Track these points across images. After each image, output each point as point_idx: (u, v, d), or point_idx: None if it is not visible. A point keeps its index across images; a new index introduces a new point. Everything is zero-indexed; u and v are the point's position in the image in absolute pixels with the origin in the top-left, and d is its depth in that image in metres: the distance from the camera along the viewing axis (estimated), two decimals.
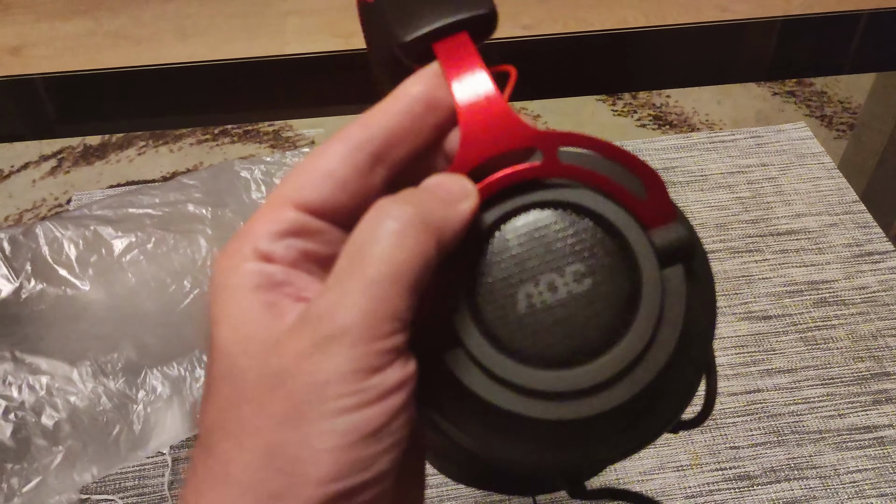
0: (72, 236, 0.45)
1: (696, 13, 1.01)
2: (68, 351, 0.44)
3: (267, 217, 0.20)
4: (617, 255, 0.21)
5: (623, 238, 0.21)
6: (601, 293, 0.20)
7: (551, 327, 0.20)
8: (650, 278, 0.20)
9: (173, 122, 1.09)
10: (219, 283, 0.20)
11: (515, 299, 0.20)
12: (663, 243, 0.21)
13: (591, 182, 0.21)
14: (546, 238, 0.21)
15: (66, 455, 0.42)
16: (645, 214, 0.21)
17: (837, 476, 0.51)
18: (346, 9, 0.96)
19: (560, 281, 0.20)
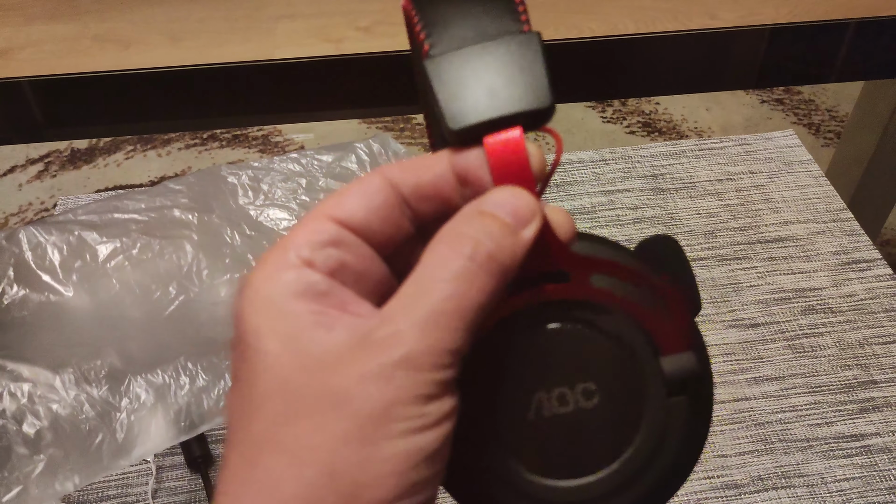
0: (55, 241, 0.44)
1: (686, 20, 1.02)
2: (51, 358, 0.43)
3: (308, 228, 0.21)
4: (627, 379, 0.22)
5: (635, 362, 0.22)
6: (606, 413, 0.22)
7: (554, 438, 0.22)
8: (654, 406, 0.22)
9: (162, 127, 1.08)
10: (259, 292, 0.20)
11: (527, 404, 0.22)
12: (673, 373, 0.22)
13: (615, 304, 0.22)
14: (564, 352, 0.22)
15: (48, 464, 0.42)
16: (662, 339, 0.22)
17: (825, 484, 0.51)
18: (338, 14, 0.95)
19: (570, 395, 0.22)
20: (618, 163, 0.73)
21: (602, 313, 0.22)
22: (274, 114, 1.05)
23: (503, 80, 0.21)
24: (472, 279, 0.20)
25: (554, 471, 0.22)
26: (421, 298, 0.19)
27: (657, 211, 0.68)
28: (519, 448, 0.22)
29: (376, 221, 0.21)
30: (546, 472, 0.22)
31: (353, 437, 0.19)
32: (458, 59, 0.22)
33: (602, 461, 0.22)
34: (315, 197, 0.51)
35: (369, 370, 0.19)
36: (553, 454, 0.22)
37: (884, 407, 0.55)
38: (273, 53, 0.95)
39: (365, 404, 0.19)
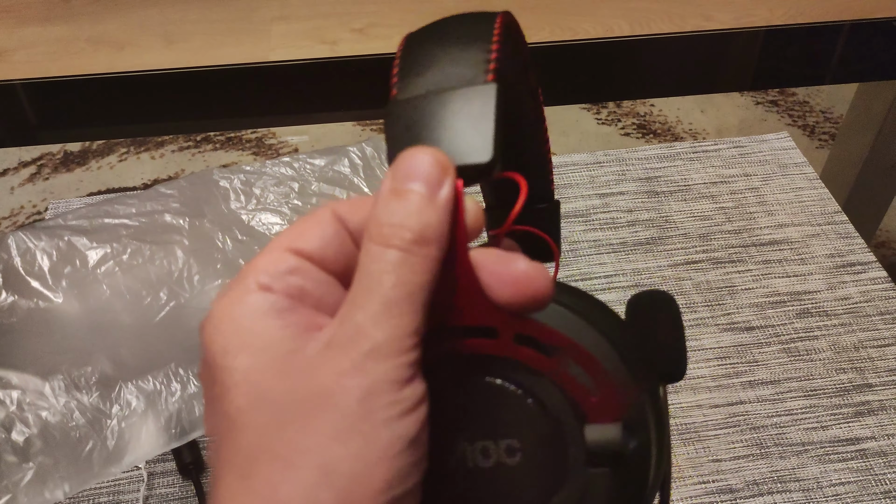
0: (45, 247, 0.44)
1: (681, 22, 1.02)
2: (40, 365, 0.43)
3: (267, 259, 0.22)
4: (549, 442, 0.22)
5: (558, 428, 0.22)
6: (526, 472, 0.22)
7: (473, 490, 0.22)
8: (574, 474, 0.22)
9: (156, 129, 1.08)
10: (225, 315, 0.21)
11: (450, 452, 0.22)
12: (594, 443, 0.21)
13: (543, 368, 0.22)
14: (491, 407, 0.22)
15: (38, 471, 0.41)
16: (590, 408, 0.21)
17: (820, 489, 0.51)
18: (333, 16, 0.95)
19: (493, 449, 0.22)
20: (612, 165, 0.73)
21: (529, 374, 0.22)
22: (268, 116, 1.04)
23: (450, 131, 0.21)
24: (410, 263, 0.20)
25: None
26: (370, 293, 0.20)
27: (652, 214, 0.68)
28: (437, 495, 0.21)
29: (331, 250, 0.22)
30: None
31: (341, 432, 0.19)
32: (414, 106, 0.22)
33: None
34: (307, 201, 0.50)
35: (343, 367, 0.20)
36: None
37: (879, 410, 0.55)
38: (268, 55, 0.95)
39: (346, 399, 0.19)
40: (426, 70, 0.23)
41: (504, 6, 0.74)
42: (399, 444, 0.19)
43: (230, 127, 1.22)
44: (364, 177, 0.52)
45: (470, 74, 0.22)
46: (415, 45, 0.23)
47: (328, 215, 0.23)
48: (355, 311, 0.20)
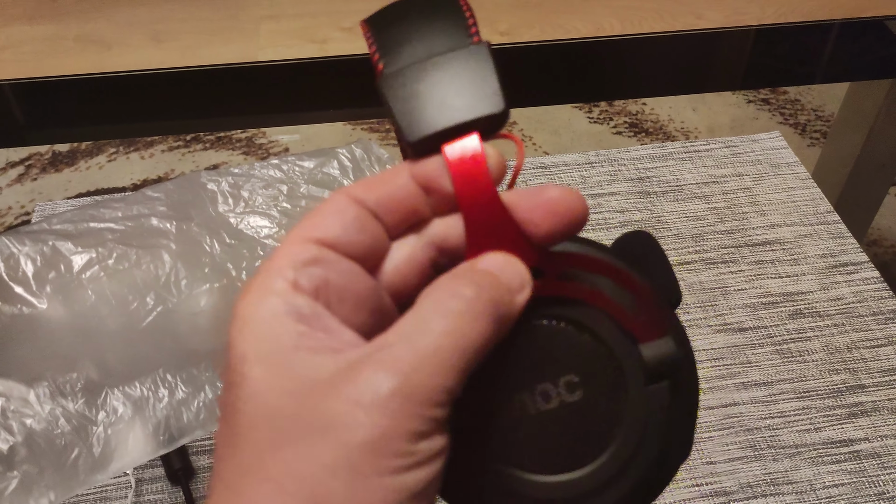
0: (29, 252, 0.43)
1: (672, 20, 1.01)
2: (24, 371, 0.42)
3: (288, 251, 0.21)
4: (607, 370, 0.22)
5: (613, 353, 0.22)
6: (590, 405, 0.22)
7: (541, 435, 0.22)
8: (635, 394, 0.22)
9: (145, 129, 1.07)
10: (245, 319, 0.20)
11: (511, 404, 0.22)
12: (651, 360, 0.22)
13: (589, 299, 0.22)
14: (543, 349, 0.22)
15: (22, 480, 0.41)
16: (639, 329, 0.22)
17: (814, 491, 0.51)
18: (322, 14, 0.94)
19: (553, 390, 0.22)
20: (604, 165, 0.72)
21: (577, 307, 0.22)
22: (258, 115, 1.03)
23: (456, 90, 0.22)
24: (473, 319, 0.20)
25: (545, 467, 0.22)
26: (420, 331, 0.19)
27: (644, 214, 0.68)
28: (508, 449, 0.22)
29: (353, 235, 0.22)
30: (537, 469, 0.22)
31: (342, 467, 0.18)
32: (410, 74, 0.22)
33: (591, 453, 0.22)
34: (297, 204, 0.50)
35: (362, 396, 0.18)
36: (543, 451, 0.22)
37: (872, 411, 0.55)
38: (257, 55, 0.94)
39: (356, 433, 0.18)
40: (408, 43, 0.23)
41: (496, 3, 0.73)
42: (401, 496, 0.18)
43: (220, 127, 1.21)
44: (353, 178, 0.51)
45: (455, 40, 0.23)
46: (383, 25, 0.23)
47: (344, 199, 0.22)
48: (397, 342, 0.19)
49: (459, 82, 0.22)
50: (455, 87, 0.22)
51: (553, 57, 0.96)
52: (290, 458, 0.18)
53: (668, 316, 0.23)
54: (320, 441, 0.18)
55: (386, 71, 0.22)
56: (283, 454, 0.18)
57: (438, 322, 0.19)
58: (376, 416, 0.18)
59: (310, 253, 0.21)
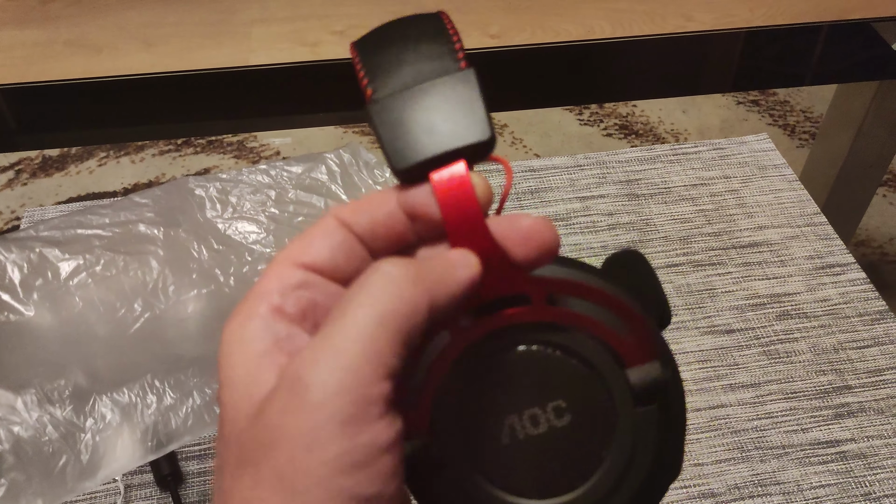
0: (15, 259, 0.43)
1: (662, 22, 1.02)
2: (12, 379, 0.42)
3: (275, 274, 0.21)
4: (595, 394, 0.22)
5: (601, 377, 0.22)
6: (578, 429, 0.22)
7: (530, 459, 0.22)
8: (624, 418, 0.22)
9: (136, 134, 1.06)
10: (227, 342, 0.21)
11: (501, 430, 0.22)
12: (639, 383, 0.22)
13: (577, 324, 0.23)
14: (531, 373, 0.22)
15: (10, 488, 0.41)
16: (627, 352, 0.22)
17: (801, 492, 0.51)
18: (313, 17, 0.94)
19: (542, 415, 0.22)
20: (592, 168, 0.73)
21: (565, 332, 0.22)
22: (249, 119, 1.03)
23: (443, 117, 0.22)
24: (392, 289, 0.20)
25: (536, 491, 0.22)
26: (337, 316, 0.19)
27: (632, 217, 0.68)
28: (498, 474, 0.22)
29: (340, 260, 0.22)
30: (529, 493, 0.22)
31: (283, 484, 0.18)
32: (399, 101, 0.22)
33: (581, 476, 0.22)
34: (285, 209, 0.50)
35: (287, 404, 0.18)
36: (534, 474, 0.22)
37: (858, 412, 0.55)
38: (248, 58, 0.94)
39: (290, 444, 0.18)
40: (396, 69, 0.23)
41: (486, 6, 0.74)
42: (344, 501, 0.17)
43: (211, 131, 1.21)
44: (342, 184, 0.52)
45: (445, 65, 0.23)
46: (372, 48, 0.24)
47: (333, 223, 0.22)
48: (315, 338, 0.19)
49: (446, 109, 0.22)
50: (442, 114, 0.22)
51: (544, 60, 0.96)
52: (245, 485, 0.19)
53: (656, 339, 0.23)
54: (265, 461, 0.18)
55: (374, 97, 0.23)
56: (242, 480, 0.19)
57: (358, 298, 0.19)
58: (303, 418, 0.18)
59: (297, 277, 0.21)
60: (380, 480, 0.18)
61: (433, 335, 0.22)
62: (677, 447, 0.23)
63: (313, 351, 0.19)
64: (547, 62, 0.95)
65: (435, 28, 0.24)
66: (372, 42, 0.24)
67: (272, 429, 0.18)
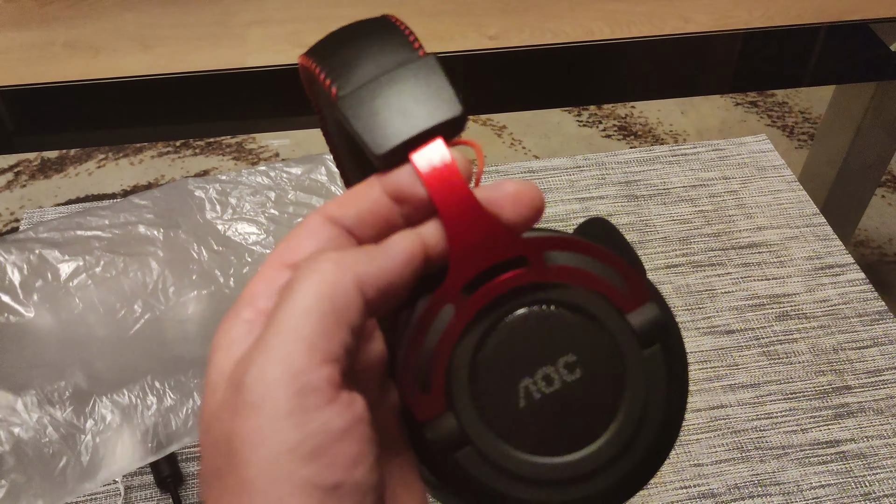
0: (15, 261, 0.43)
1: (661, 24, 1.02)
2: (12, 380, 0.42)
3: (264, 277, 0.22)
4: (602, 343, 0.23)
5: (606, 326, 0.23)
6: (591, 380, 0.23)
7: (550, 418, 0.22)
8: (633, 361, 0.23)
9: (134, 136, 1.06)
10: (214, 346, 0.21)
11: (516, 393, 0.22)
12: (641, 325, 0.23)
13: (575, 279, 0.23)
14: (538, 334, 0.23)
15: (10, 489, 0.41)
16: (624, 300, 0.23)
17: (801, 492, 0.51)
18: (310, 19, 0.94)
19: (554, 373, 0.23)
20: (592, 169, 0.73)
21: (564, 289, 0.23)
22: (247, 121, 1.03)
23: (412, 100, 0.23)
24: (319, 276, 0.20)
25: (560, 448, 0.23)
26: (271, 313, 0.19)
27: (631, 218, 0.68)
28: (521, 438, 0.23)
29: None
30: (553, 451, 0.23)
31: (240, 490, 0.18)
32: (365, 92, 0.23)
33: (600, 426, 0.23)
34: (284, 210, 0.50)
35: (233, 404, 0.18)
36: (555, 433, 0.23)
37: (858, 412, 0.55)
38: (245, 60, 0.94)
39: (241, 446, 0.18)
40: (356, 65, 0.23)
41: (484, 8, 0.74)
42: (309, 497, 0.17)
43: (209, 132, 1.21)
44: (341, 184, 0.52)
45: (402, 56, 0.23)
46: (325, 54, 0.24)
47: (318, 221, 0.22)
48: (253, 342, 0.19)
49: (415, 93, 0.23)
50: (411, 98, 0.23)
51: (542, 61, 0.96)
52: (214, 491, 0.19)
53: (647, 284, 0.24)
54: (227, 467, 0.18)
55: (341, 94, 0.23)
56: (213, 489, 0.19)
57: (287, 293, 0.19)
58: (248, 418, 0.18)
59: (284, 278, 0.21)
60: (341, 468, 0.18)
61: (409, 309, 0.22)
62: (684, 383, 0.24)
63: (250, 353, 0.19)
64: (545, 64, 0.95)
65: (386, 27, 0.24)
66: (324, 48, 0.24)
67: (226, 434, 0.18)
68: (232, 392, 0.18)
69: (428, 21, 0.87)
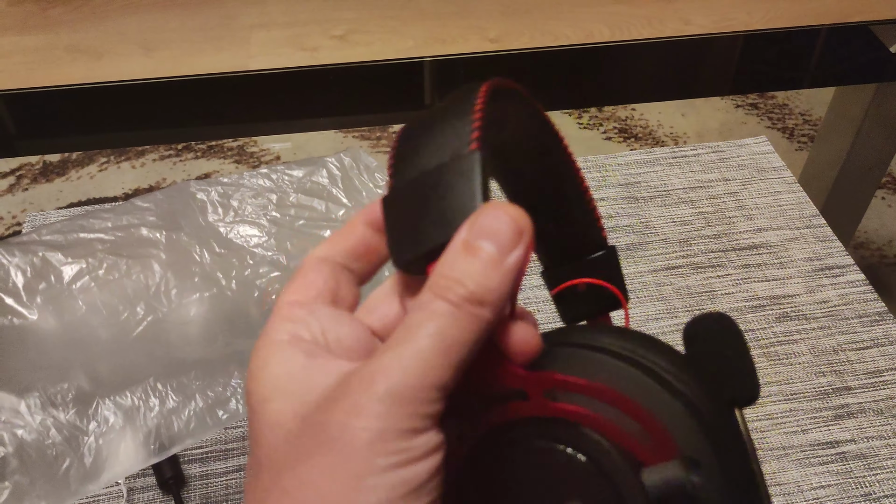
0: (19, 263, 0.43)
1: (661, 26, 1.02)
2: (15, 382, 0.42)
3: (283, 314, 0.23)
4: (607, 497, 0.21)
5: (612, 480, 0.21)
6: None
7: None
8: None
9: (136, 139, 1.07)
10: (259, 368, 0.22)
11: None
12: (652, 485, 0.20)
13: (588, 423, 0.21)
14: (546, 473, 0.22)
15: (13, 491, 0.41)
16: (642, 452, 0.21)
17: (801, 493, 0.51)
18: (312, 22, 0.95)
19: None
20: (592, 171, 0.73)
21: (577, 430, 0.21)
22: (249, 124, 1.04)
23: (441, 207, 0.21)
24: (457, 317, 0.21)
25: None
26: (406, 339, 0.21)
27: (632, 219, 0.69)
28: None
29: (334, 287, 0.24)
30: None
31: (340, 472, 0.20)
32: (404, 194, 0.22)
33: None
34: (286, 213, 0.50)
35: (352, 405, 0.20)
36: None
37: (858, 413, 0.56)
38: (247, 63, 0.94)
39: (350, 439, 0.20)
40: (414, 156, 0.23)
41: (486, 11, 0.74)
42: (399, 490, 0.20)
43: (211, 136, 1.21)
44: (342, 187, 0.52)
45: (452, 149, 0.22)
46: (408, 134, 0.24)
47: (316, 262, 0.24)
48: (385, 352, 0.21)
49: (445, 199, 0.21)
50: (440, 204, 0.21)
51: (543, 64, 0.96)
52: (301, 473, 0.20)
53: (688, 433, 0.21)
54: (323, 452, 0.20)
55: (391, 187, 0.23)
56: (296, 471, 0.20)
57: (422, 326, 0.21)
58: (365, 422, 0.20)
59: (301, 310, 0.23)
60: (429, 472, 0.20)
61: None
62: None
63: (384, 365, 0.20)
64: (546, 66, 0.96)
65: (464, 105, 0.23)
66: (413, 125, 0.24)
67: (336, 425, 0.20)
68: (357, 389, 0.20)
69: (429, 23, 0.87)
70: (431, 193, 0.22)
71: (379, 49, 0.89)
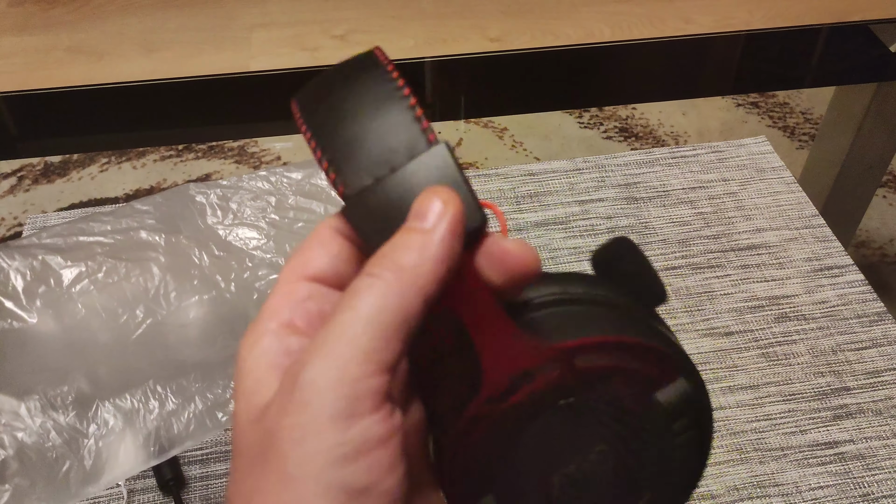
0: (18, 267, 0.44)
1: (661, 25, 1.02)
2: (15, 385, 0.43)
3: (283, 291, 0.22)
4: (632, 428, 0.23)
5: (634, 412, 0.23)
6: (623, 465, 0.23)
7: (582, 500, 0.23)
8: (661, 439, 0.23)
9: (137, 140, 1.07)
10: (242, 358, 0.21)
11: (551, 487, 0.23)
12: (668, 403, 0.23)
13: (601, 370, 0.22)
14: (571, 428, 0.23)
15: (14, 494, 0.41)
16: (651, 379, 0.23)
17: (799, 493, 0.51)
18: (313, 22, 0.95)
19: (587, 463, 0.23)
20: (591, 172, 0.73)
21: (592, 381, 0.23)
22: (250, 125, 1.04)
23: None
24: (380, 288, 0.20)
25: None
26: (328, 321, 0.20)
27: (631, 220, 0.69)
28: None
29: (340, 266, 0.22)
30: None
31: (283, 479, 0.19)
32: (374, 197, 0.21)
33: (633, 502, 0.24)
34: (285, 215, 0.50)
35: (282, 403, 0.19)
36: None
37: (857, 413, 0.56)
38: (248, 63, 0.95)
39: (285, 441, 0.19)
40: (360, 149, 0.21)
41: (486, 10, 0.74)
42: (341, 495, 0.18)
43: (212, 136, 1.21)
44: None
45: (411, 139, 0.21)
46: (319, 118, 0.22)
47: (327, 232, 0.22)
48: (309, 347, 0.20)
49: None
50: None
51: (544, 63, 0.96)
52: (251, 485, 0.19)
53: (676, 358, 0.23)
54: (267, 460, 0.19)
55: (347, 192, 0.21)
56: (249, 481, 0.19)
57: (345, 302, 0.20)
58: (296, 415, 0.19)
59: (304, 290, 0.22)
60: (374, 472, 0.19)
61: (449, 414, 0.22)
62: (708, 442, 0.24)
63: (307, 354, 0.19)
64: (547, 66, 0.96)
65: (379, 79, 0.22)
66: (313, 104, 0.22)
67: (271, 429, 0.19)
68: (285, 389, 0.19)
69: (430, 23, 0.87)
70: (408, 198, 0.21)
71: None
